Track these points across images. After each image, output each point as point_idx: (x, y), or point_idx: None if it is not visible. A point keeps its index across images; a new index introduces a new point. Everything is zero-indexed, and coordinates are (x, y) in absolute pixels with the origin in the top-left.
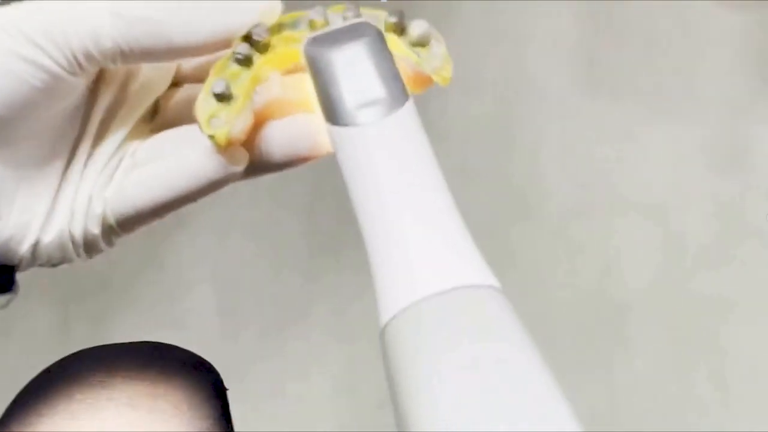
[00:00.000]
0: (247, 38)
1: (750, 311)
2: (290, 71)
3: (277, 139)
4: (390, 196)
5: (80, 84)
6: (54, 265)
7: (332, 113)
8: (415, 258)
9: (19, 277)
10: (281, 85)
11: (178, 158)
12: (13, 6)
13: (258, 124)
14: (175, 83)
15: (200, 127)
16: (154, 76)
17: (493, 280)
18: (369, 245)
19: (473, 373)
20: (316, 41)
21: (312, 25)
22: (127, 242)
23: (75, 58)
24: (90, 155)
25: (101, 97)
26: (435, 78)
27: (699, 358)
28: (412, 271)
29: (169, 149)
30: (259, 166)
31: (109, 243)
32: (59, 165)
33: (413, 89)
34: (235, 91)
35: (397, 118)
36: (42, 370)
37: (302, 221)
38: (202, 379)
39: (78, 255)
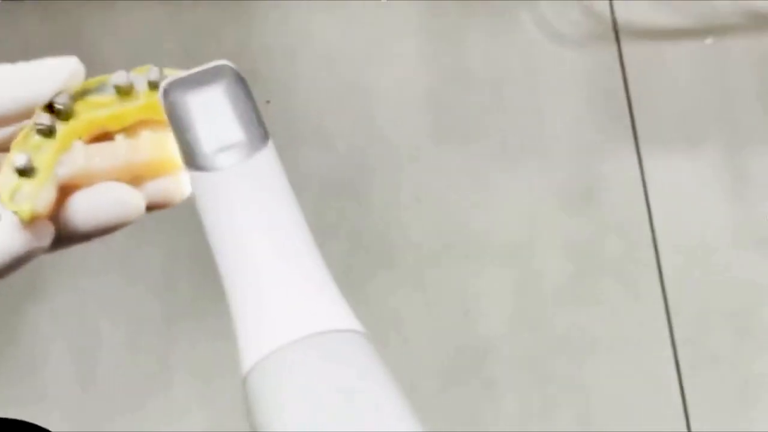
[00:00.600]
0: (50, 106)
1: (610, 347)
2: (96, 138)
3: (82, 210)
4: (249, 242)
5: None
6: None
7: (190, 158)
8: (275, 304)
9: None
10: (85, 154)
11: None
12: None
13: (63, 196)
14: None
15: (2, 203)
16: None
17: (356, 324)
18: (229, 292)
19: (332, 417)
20: (173, 85)
21: (117, 89)
22: None
23: None
24: None
25: None
26: None
27: (564, 398)
28: (272, 318)
29: None
30: (65, 237)
31: None
32: None
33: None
34: (38, 163)
35: (256, 161)
36: None
37: (158, 287)
38: None
39: None
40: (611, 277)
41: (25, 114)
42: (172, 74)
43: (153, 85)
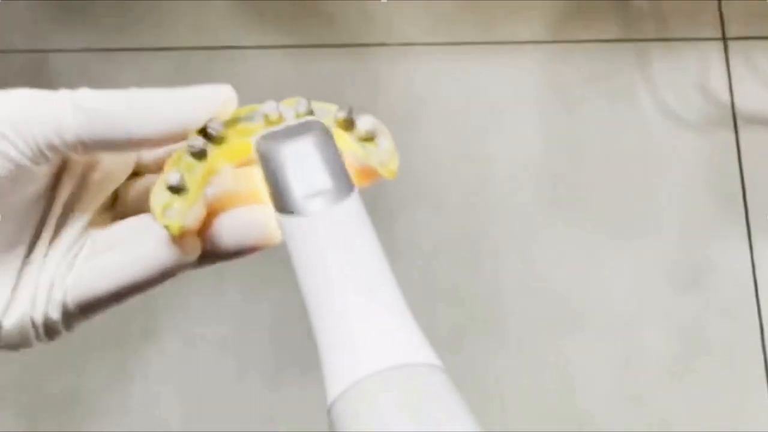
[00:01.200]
0: (203, 131)
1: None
2: (243, 163)
3: (227, 229)
4: (335, 280)
5: (44, 172)
6: (12, 349)
7: (281, 203)
8: (358, 338)
9: None
10: (233, 177)
11: (134, 246)
12: None
13: (210, 215)
14: (136, 173)
15: (155, 217)
16: (115, 166)
17: (434, 360)
18: (316, 329)
19: None
20: (266, 137)
21: (266, 118)
22: (95, 355)
23: (39, 148)
24: (52, 241)
25: (64, 184)
26: (381, 171)
27: None
28: (355, 351)
29: (126, 237)
30: (211, 254)
31: (69, 328)
32: (21, 250)
33: (360, 181)
34: (189, 183)
35: (342, 208)
36: None
37: (268, 335)
38: None
39: (38, 339)
40: (716, 360)
41: (179, 136)
42: (319, 108)
43: (300, 117)
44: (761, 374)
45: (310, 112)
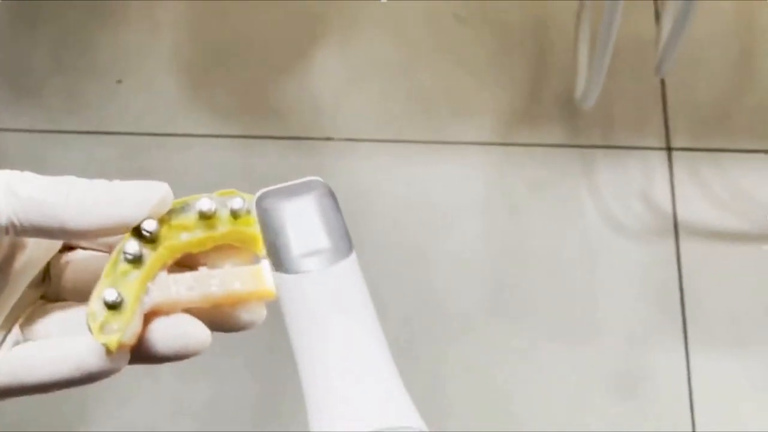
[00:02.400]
0: (137, 231)
1: None
2: (179, 264)
3: (162, 337)
4: (325, 339)
5: None
6: None
7: (278, 260)
8: (350, 401)
9: None
10: (169, 284)
11: (62, 346)
12: None
13: (145, 321)
14: (68, 246)
15: (92, 333)
16: (43, 242)
17: (422, 425)
18: (307, 388)
19: None
20: (268, 194)
21: (201, 214)
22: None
23: None
24: None
25: None
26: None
27: None
28: (343, 412)
29: (56, 331)
30: (143, 358)
31: None
32: None
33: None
34: (126, 294)
35: (339, 268)
36: None
37: (204, 423)
38: None
39: None
40: None
41: (114, 232)
42: (245, 199)
43: (235, 214)
44: None
45: (247, 210)
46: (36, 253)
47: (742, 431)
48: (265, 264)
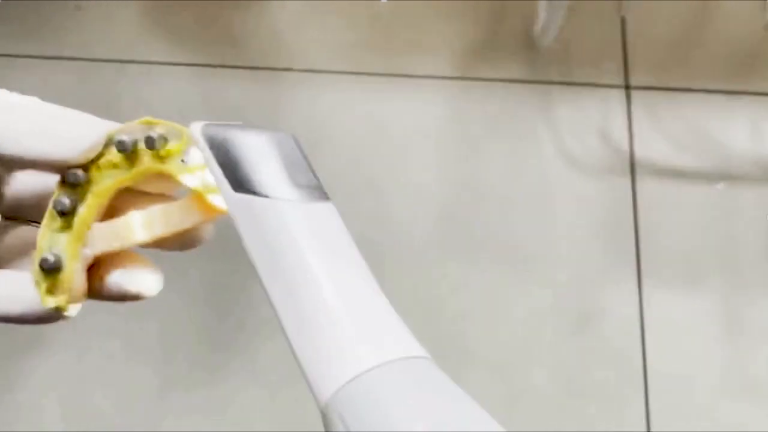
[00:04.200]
0: (67, 178)
1: None
2: (111, 208)
3: (112, 287)
4: (322, 275)
5: None
6: None
7: (256, 184)
8: (350, 333)
9: None
10: (103, 235)
11: (16, 285)
12: None
13: (95, 268)
14: (10, 217)
15: (41, 301)
16: None
17: (425, 353)
18: (291, 324)
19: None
20: (228, 126)
21: (121, 150)
22: None
23: None
24: None
25: None
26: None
27: None
28: (349, 347)
29: (9, 255)
30: (97, 299)
31: None
32: None
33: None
34: (64, 254)
35: (325, 206)
36: None
37: (156, 357)
38: None
39: None
40: (597, 405)
41: (42, 166)
42: (173, 129)
43: (150, 144)
44: (641, 424)
45: (163, 138)
46: None
47: (692, 369)
48: (200, 187)
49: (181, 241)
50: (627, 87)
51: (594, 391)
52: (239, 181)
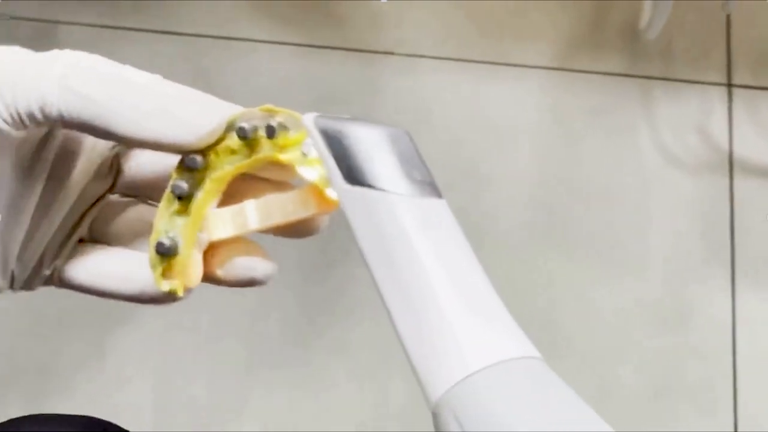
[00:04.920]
0: (185, 162)
1: None
2: (229, 193)
3: (226, 273)
4: (434, 272)
5: (26, 136)
6: None
7: (377, 178)
8: (466, 333)
9: None
10: (221, 222)
11: (132, 265)
12: None
13: (210, 253)
14: (126, 194)
15: (156, 283)
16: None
17: (537, 353)
18: (403, 321)
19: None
20: (341, 118)
21: (240, 135)
22: (70, 331)
23: (19, 116)
24: (45, 207)
25: (50, 149)
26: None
27: None
28: (466, 346)
29: (125, 232)
30: (210, 282)
31: (37, 286)
32: (11, 216)
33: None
34: (180, 238)
35: (440, 203)
36: None
37: (245, 328)
38: None
39: (4, 290)
40: (686, 404)
41: (160, 148)
42: (287, 117)
43: (270, 133)
44: (730, 423)
45: (283, 127)
46: (98, 145)
47: None
48: (318, 180)
49: (295, 230)
50: (729, 85)
51: (683, 390)
52: (353, 174)
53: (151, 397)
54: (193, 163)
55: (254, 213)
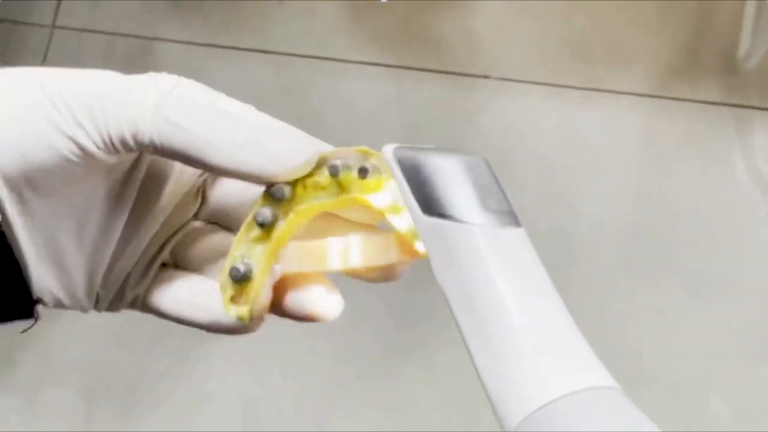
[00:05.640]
0: (271, 191)
1: None
2: (310, 229)
3: (293, 308)
4: (512, 303)
5: (117, 161)
6: (63, 308)
7: (454, 209)
8: (542, 363)
9: (52, 363)
10: (299, 256)
11: (205, 294)
12: (62, 71)
13: (280, 286)
14: (205, 219)
15: (224, 307)
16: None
17: (614, 383)
18: (481, 350)
19: None
20: (419, 148)
21: (332, 172)
22: (158, 345)
23: (111, 141)
24: (132, 231)
25: (138, 172)
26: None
27: None
28: (541, 376)
29: (204, 259)
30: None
31: (121, 308)
32: (89, 238)
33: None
34: (256, 265)
35: (518, 232)
36: None
37: (332, 350)
38: None
39: (90, 310)
40: None
41: (251, 178)
42: (381, 161)
43: (363, 173)
44: None
45: (377, 171)
46: (186, 172)
47: None
48: (407, 232)
49: (373, 276)
50: None
51: None
52: (430, 205)
53: (239, 416)
54: (279, 193)
55: (335, 253)
